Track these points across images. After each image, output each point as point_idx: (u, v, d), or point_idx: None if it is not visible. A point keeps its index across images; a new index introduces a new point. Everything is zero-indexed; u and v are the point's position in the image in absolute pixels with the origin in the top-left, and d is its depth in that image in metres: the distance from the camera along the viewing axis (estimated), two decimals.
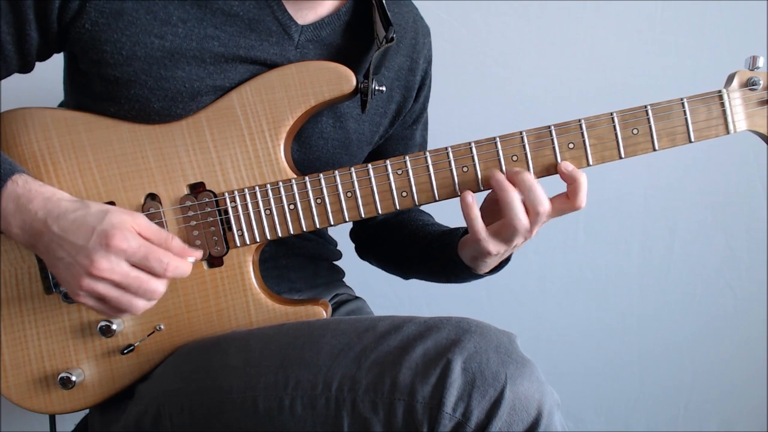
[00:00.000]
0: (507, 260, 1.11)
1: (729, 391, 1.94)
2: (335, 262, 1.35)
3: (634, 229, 1.84)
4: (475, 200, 0.99)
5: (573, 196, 0.98)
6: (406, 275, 1.32)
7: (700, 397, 1.96)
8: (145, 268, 0.92)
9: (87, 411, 1.14)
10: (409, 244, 1.23)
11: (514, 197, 0.97)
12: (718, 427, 1.96)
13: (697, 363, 1.93)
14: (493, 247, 1.00)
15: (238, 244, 1.03)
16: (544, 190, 0.97)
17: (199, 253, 1.00)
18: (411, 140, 1.29)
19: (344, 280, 1.39)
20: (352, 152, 1.16)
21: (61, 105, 1.17)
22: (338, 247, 1.36)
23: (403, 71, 1.18)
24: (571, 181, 0.98)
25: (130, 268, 0.91)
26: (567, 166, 0.99)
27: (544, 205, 0.96)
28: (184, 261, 0.96)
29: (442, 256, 1.13)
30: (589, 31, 1.73)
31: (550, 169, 1.01)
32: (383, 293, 1.72)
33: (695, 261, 1.86)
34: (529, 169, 1.01)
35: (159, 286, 0.93)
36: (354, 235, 1.40)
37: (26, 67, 1.06)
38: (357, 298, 1.37)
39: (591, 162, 1.00)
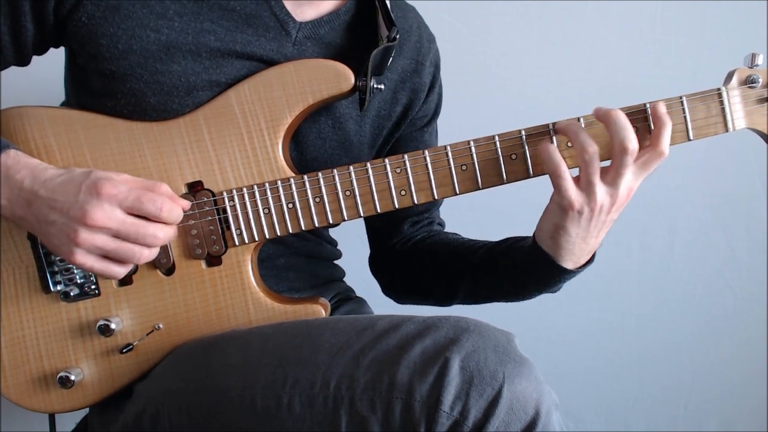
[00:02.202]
0: (591, 260, 1.08)
1: (729, 391, 1.94)
2: (336, 262, 1.35)
3: (634, 228, 1.84)
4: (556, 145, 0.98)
5: (657, 138, 0.96)
6: (452, 299, 1.26)
7: (700, 397, 1.96)
8: (140, 211, 0.92)
9: (87, 411, 1.14)
10: (459, 261, 1.19)
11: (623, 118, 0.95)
12: (718, 427, 1.96)
13: (697, 363, 1.93)
14: (576, 197, 0.97)
15: (237, 243, 1.03)
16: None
17: (187, 204, 1.00)
18: (421, 142, 1.27)
19: (345, 280, 1.39)
20: (353, 154, 1.15)
21: (63, 104, 1.17)
22: (339, 247, 1.35)
23: (407, 73, 1.18)
24: (657, 121, 0.97)
25: (125, 215, 0.91)
26: (660, 108, 0.98)
27: (633, 142, 0.94)
28: (176, 205, 0.96)
29: (510, 257, 1.11)
30: (589, 31, 1.73)
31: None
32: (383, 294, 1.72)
33: (695, 261, 1.86)
34: (528, 168, 1.01)
35: (158, 231, 0.93)
36: (378, 272, 1.36)
37: (22, 60, 1.06)
38: (357, 298, 1.37)
39: None
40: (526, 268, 1.09)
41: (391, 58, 1.10)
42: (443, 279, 1.23)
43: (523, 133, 1.00)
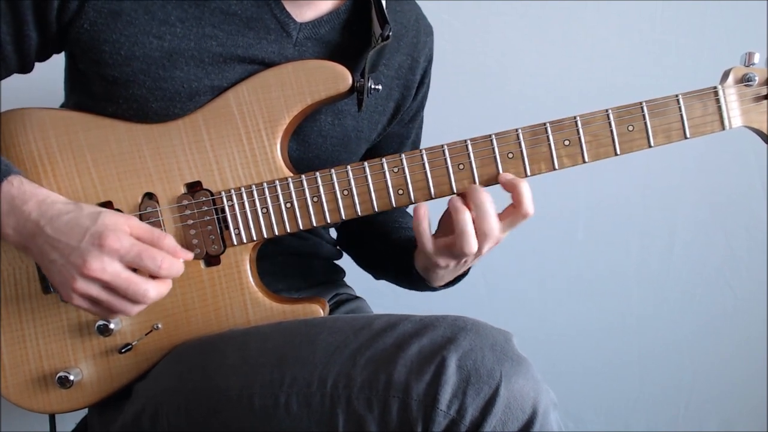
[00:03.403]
0: (464, 274, 1.12)
1: (729, 391, 1.94)
2: (335, 262, 1.35)
3: (634, 229, 1.84)
4: (427, 214, 0.99)
5: (518, 203, 0.98)
6: (376, 275, 1.32)
7: (700, 397, 1.95)
8: (140, 267, 0.92)
9: (87, 411, 1.14)
10: (382, 245, 1.24)
11: (467, 221, 0.97)
12: (718, 427, 1.96)
13: (697, 363, 1.93)
14: (442, 261, 1.01)
15: (235, 243, 1.03)
16: (495, 212, 0.98)
17: (190, 255, 1.00)
18: (407, 138, 1.29)
19: (344, 279, 1.39)
20: (351, 150, 1.16)
21: (62, 106, 1.17)
22: (338, 247, 1.36)
23: (403, 70, 1.18)
24: (511, 189, 0.99)
25: (122, 268, 0.91)
26: (506, 176, 1.00)
27: (494, 230, 0.97)
28: (177, 260, 0.96)
29: (402, 262, 1.14)
30: (589, 31, 1.73)
31: (547, 166, 1.01)
32: (383, 293, 1.72)
33: (695, 261, 1.85)
34: (525, 167, 1.01)
35: (150, 290, 0.93)
36: (338, 233, 1.40)
37: (25, 68, 1.06)
38: (357, 297, 1.37)
39: (587, 159, 1.00)
40: (409, 278, 1.15)
41: (386, 56, 1.11)
42: (372, 256, 1.31)
43: (520, 132, 1.00)
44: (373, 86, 1.05)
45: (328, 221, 1.03)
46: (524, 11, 1.71)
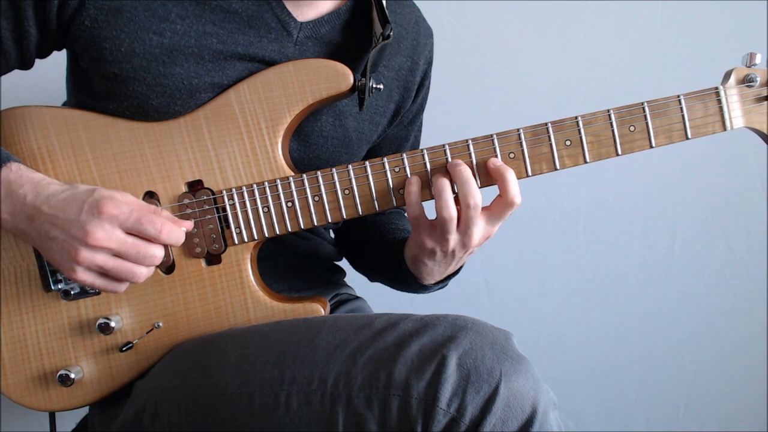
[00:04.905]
0: (455, 274, 1.12)
1: (729, 391, 1.94)
2: (336, 263, 1.35)
3: (634, 229, 1.84)
4: (420, 189, 1.00)
5: (503, 191, 0.98)
6: (371, 277, 1.33)
7: (700, 397, 1.95)
8: (139, 232, 0.93)
9: (87, 410, 1.14)
10: (377, 246, 1.24)
11: (445, 185, 0.97)
12: (718, 427, 1.96)
13: (697, 363, 1.93)
14: (429, 240, 1.00)
15: (236, 242, 1.03)
16: (478, 186, 0.97)
17: (190, 224, 1.00)
18: (405, 141, 1.29)
19: (345, 280, 1.39)
20: (352, 151, 1.16)
21: (65, 105, 1.17)
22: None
23: (403, 71, 1.18)
24: (497, 177, 0.98)
25: (125, 235, 0.92)
26: (494, 161, 1.00)
27: (475, 197, 0.96)
28: (177, 227, 0.97)
29: (394, 259, 1.14)
30: (589, 31, 1.73)
31: (549, 166, 1.01)
32: (383, 293, 1.72)
33: (695, 261, 1.85)
34: (526, 167, 1.01)
35: (157, 251, 0.94)
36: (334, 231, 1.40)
37: (26, 64, 1.06)
38: (357, 297, 1.37)
39: (588, 159, 1.00)
40: (401, 277, 1.14)
41: (386, 56, 1.11)
42: (365, 258, 1.31)
43: (522, 131, 1.00)
44: (374, 86, 1.05)
45: (330, 220, 1.03)
46: (524, 11, 1.71)
